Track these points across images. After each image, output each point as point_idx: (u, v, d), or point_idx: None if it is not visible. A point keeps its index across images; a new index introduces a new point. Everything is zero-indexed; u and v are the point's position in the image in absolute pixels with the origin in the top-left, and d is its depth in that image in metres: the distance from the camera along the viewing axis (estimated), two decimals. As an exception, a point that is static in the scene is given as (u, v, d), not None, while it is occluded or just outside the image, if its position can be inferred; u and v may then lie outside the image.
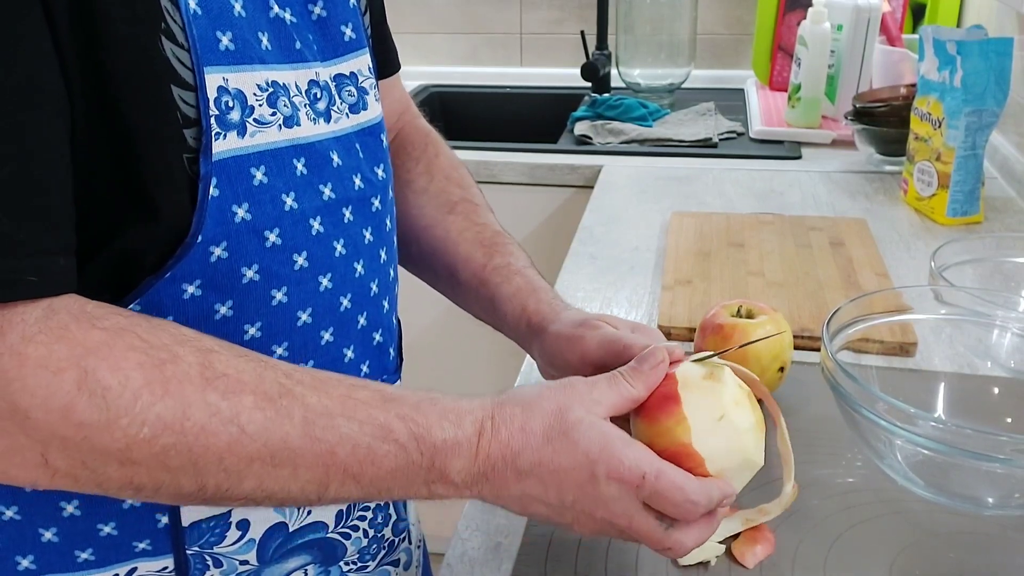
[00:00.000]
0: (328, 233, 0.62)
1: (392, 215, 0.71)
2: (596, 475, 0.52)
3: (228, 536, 0.63)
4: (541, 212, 1.69)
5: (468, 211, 0.79)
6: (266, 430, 0.49)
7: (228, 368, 0.49)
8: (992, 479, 0.66)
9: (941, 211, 1.29)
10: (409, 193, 0.81)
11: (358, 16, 0.69)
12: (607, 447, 0.52)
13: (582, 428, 0.53)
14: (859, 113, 1.52)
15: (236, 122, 0.55)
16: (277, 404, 0.49)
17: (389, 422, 0.51)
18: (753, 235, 1.23)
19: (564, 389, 0.55)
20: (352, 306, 0.65)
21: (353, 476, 0.51)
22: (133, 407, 0.46)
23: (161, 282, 0.54)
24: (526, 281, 0.73)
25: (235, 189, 0.55)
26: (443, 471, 0.52)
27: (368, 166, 0.67)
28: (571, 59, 2.17)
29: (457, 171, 0.84)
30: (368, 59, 0.69)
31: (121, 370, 0.46)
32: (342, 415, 0.51)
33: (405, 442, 0.51)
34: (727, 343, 0.81)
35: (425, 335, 1.76)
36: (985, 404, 0.79)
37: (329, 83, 0.64)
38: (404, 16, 2.26)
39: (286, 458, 0.49)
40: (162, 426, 0.47)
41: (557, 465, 0.52)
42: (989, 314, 0.81)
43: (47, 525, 0.59)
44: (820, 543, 0.66)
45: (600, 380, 0.56)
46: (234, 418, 0.48)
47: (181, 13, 0.52)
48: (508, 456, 0.52)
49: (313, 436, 0.50)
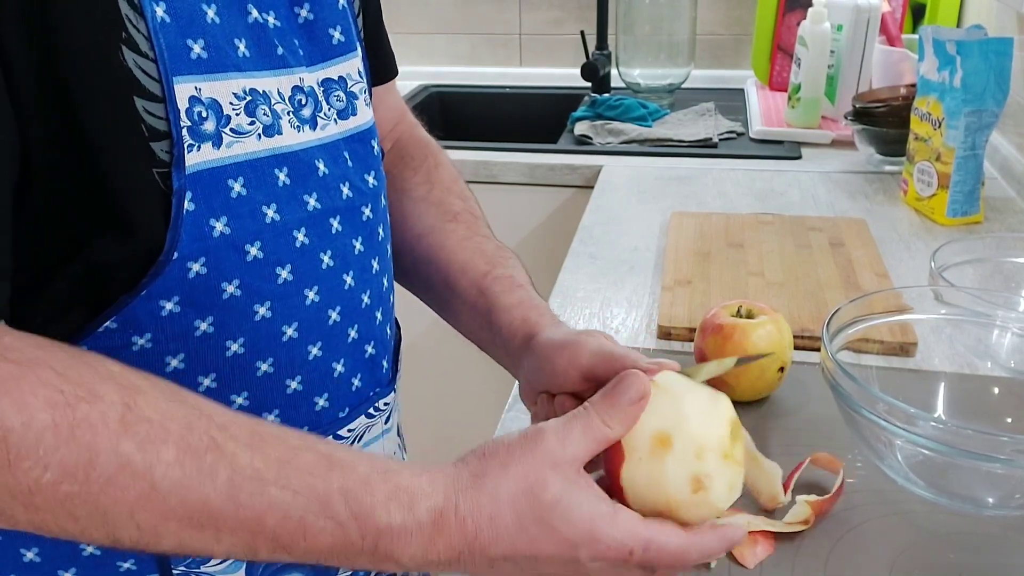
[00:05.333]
0: (314, 245, 0.60)
1: (385, 223, 0.70)
2: (579, 558, 0.49)
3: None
4: (541, 212, 1.69)
5: (470, 222, 0.77)
6: (183, 487, 0.44)
7: (154, 412, 0.45)
8: (992, 479, 0.66)
9: (941, 211, 1.29)
10: (407, 201, 0.78)
11: (348, 18, 0.67)
12: (589, 531, 0.48)
13: (559, 511, 0.48)
14: (859, 113, 1.52)
15: (211, 133, 0.53)
16: (201, 461, 0.45)
17: (329, 495, 0.46)
18: (753, 235, 1.23)
19: (534, 454, 0.49)
20: (342, 319, 0.63)
21: (284, 547, 0.47)
22: (36, 450, 0.42)
23: (138, 299, 0.52)
24: (528, 296, 0.69)
25: (212, 202, 0.53)
26: (390, 555, 0.47)
27: (358, 174, 0.65)
28: (571, 59, 2.17)
29: (457, 184, 0.81)
30: (358, 63, 0.67)
31: (26, 409, 0.42)
32: (275, 482, 0.46)
33: (344, 521, 0.46)
34: (727, 343, 0.81)
35: (425, 339, 1.76)
36: (985, 404, 0.79)
37: (315, 88, 0.62)
38: (404, 16, 2.26)
39: (206, 520, 0.45)
40: (64, 473, 0.43)
41: (535, 552, 0.48)
42: (989, 314, 0.81)
43: (28, 546, 0.57)
44: (820, 543, 0.66)
45: (573, 428, 0.50)
46: (146, 472, 0.44)
47: (146, 21, 0.50)
48: (476, 548, 0.48)
49: (238, 501, 0.45)
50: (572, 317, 1.06)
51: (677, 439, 0.52)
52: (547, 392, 0.62)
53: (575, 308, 1.08)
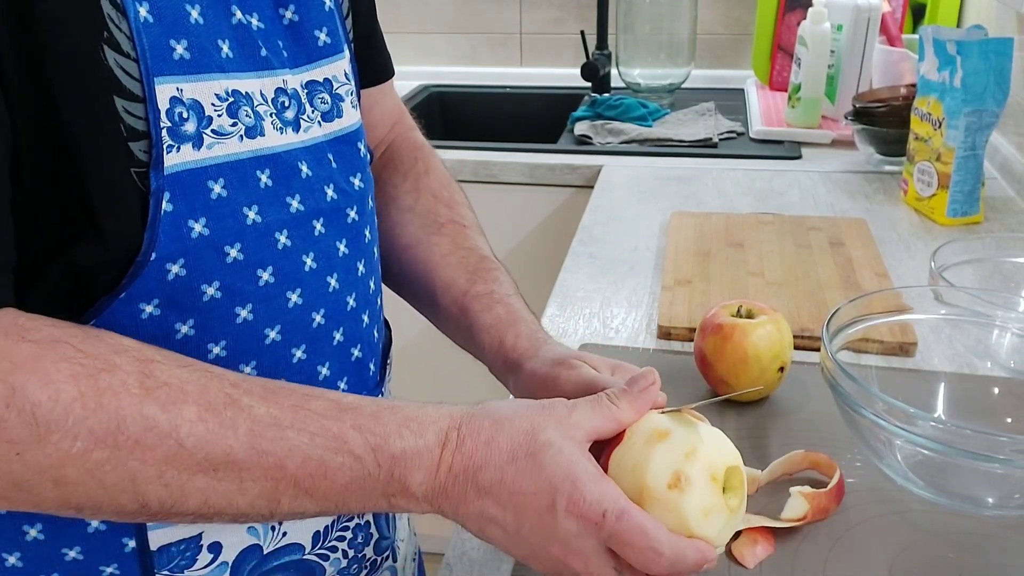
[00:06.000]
0: (296, 247, 0.59)
1: (372, 225, 0.69)
2: (555, 505, 0.50)
3: (200, 560, 0.60)
4: (541, 212, 1.69)
5: (455, 233, 0.76)
6: (207, 442, 0.47)
7: (170, 378, 0.47)
8: (992, 479, 0.66)
9: (941, 211, 1.29)
10: (394, 210, 0.78)
11: (335, 20, 0.66)
12: (571, 477, 0.50)
13: (550, 452, 0.50)
14: (859, 113, 1.52)
15: (191, 134, 0.53)
16: (221, 415, 0.47)
17: (344, 433, 0.49)
18: (753, 235, 1.23)
19: (542, 409, 0.53)
20: (326, 322, 0.63)
21: (305, 490, 0.49)
22: (65, 421, 0.44)
23: (117, 302, 0.52)
24: (507, 311, 0.69)
25: (191, 203, 0.53)
26: (403, 482, 0.50)
27: (343, 176, 0.65)
28: (571, 59, 2.18)
29: (447, 189, 0.80)
30: (345, 64, 0.67)
31: (52, 384, 0.44)
32: (292, 426, 0.48)
33: (361, 453, 0.49)
34: (727, 343, 0.81)
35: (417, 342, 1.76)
36: (985, 404, 0.79)
37: (299, 91, 0.62)
38: (404, 16, 2.26)
39: (231, 472, 0.47)
40: (94, 440, 0.45)
41: (518, 487, 0.50)
42: (989, 314, 0.82)
43: (10, 550, 0.57)
44: (820, 543, 0.66)
45: (582, 402, 0.54)
46: (172, 431, 0.46)
47: (129, 21, 0.50)
48: (470, 470, 0.50)
49: (259, 449, 0.48)
50: (572, 317, 1.06)
51: (676, 435, 0.53)
52: None
53: (575, 308, 1.08)
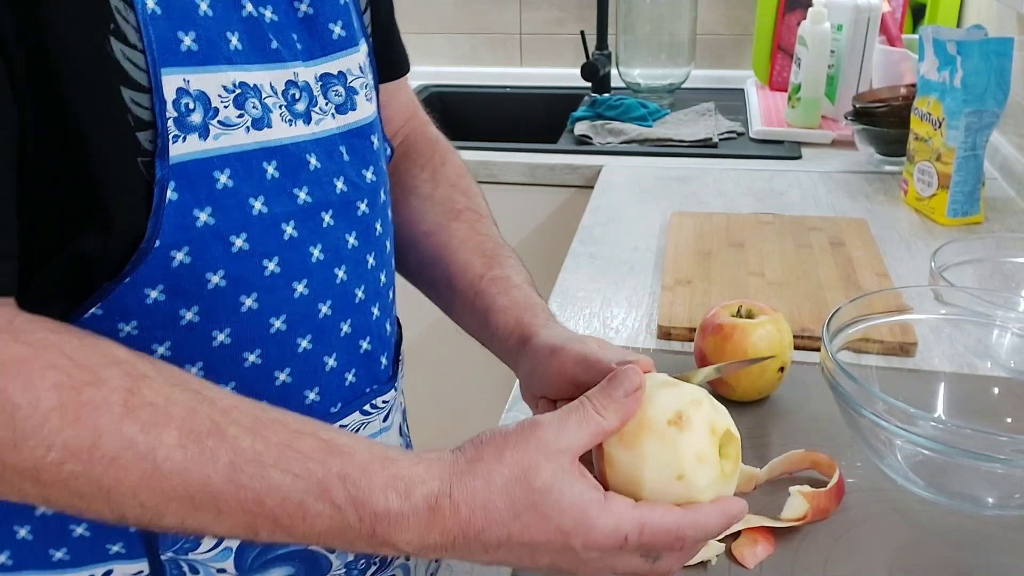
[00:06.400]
0: (303, 238, 0.60)
1: (385, 219, 0.70)
2: (572, 546, 0.49)
3: (203, 543, 0.61)
4: (541, 212, 1.69)
5: (472, 220, 0.77)
6: (185, 470, 0.46)
7: (157, 397, 0.46)
8: (992, 479, 0.66)
9: (941, 211, 1.29)
10: (413, 199, 0.79)
11: (350, 13, 0.67)
12: (580, 520, 0.49)
13: (551, 499, 0.48)
14: (859, 113, 1.52)
15: (197, 124, 0.54)
16: (203, 444, 0.46)
17: (327, 480, 0.48)
18: (753, 235, 1.23)
19: (529, 442, 0.50)
20: (333, 313, 0.63)
21: (284, 528, 0.48)
22: (40, 430, 0.44)
23: (122, 287, 0.53)
24: (524, 296, 0.69)
25: (196, 193, 0.54)
26: (387, 540, 0.49)
27: (354, 169, 0.65)
28: (571, 59, 2.17)
29: (463, 180, 0.82)
30: (361, 58, 0.67)
31: (33, 389, 0.44)
32: (275, 465, 0.47)
33: (342, 504, 0.48)
34: (727, 343, 0.81)
35: (426, 338, 1.77)
36: (985, 404, 0.79)
37: (311, 83, 0.62)
38: (404, 16, 2.23)
39: (207, 501, 0.47)
40: (68, 453, 0.44)
41: (528, 539, 0.49)
42: (989, 314, 0.81)
43: (21, 523, 0.58)
44: (820, 543, 0.66)
45: (569, 419, 0.51)
46: (149, 453, 0.45)
47: (136, 13, 0.51)
48: (471, 533, 0.49)
49: (238, 483, 0.46)
50: (572, 317, 1.06)
51: (684, 386, 0.54)
52: (545, 397, 0.63)
53: (575, 308, 1.08)
